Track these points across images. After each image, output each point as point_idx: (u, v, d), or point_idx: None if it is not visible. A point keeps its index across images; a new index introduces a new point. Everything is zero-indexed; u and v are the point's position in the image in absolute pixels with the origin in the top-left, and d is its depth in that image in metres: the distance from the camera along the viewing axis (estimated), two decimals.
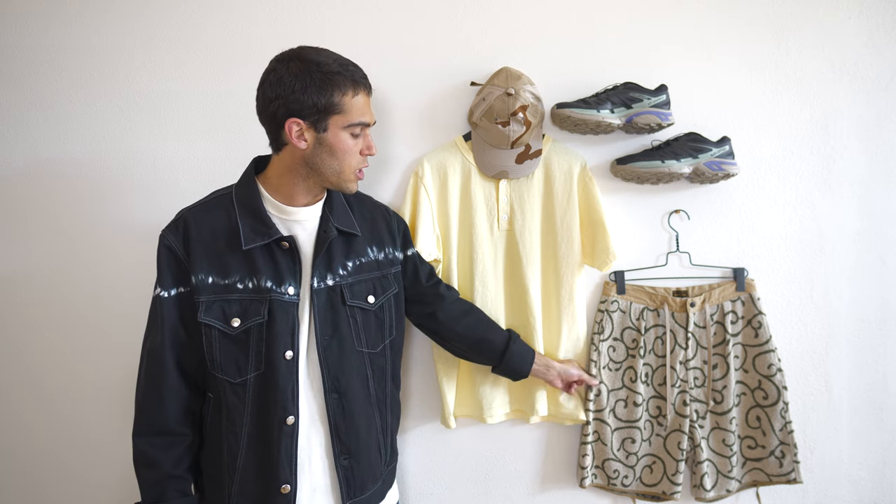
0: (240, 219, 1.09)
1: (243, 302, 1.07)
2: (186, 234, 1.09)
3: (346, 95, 1.06)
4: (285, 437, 1.06)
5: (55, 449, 1.50)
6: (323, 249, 1.12)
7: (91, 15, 1.48)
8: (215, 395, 1.11)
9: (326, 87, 1.04)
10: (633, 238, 1.44)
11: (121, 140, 1.48)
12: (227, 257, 1.08)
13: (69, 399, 1.49)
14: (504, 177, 1.39)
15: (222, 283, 1.07)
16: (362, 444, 1.13)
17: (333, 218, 1.15)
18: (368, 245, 1.21)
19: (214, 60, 1.47)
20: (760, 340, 1.37)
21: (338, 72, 1.05)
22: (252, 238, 1.08)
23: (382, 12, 1.47)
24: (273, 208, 1.12)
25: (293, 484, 1.07)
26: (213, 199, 1.14)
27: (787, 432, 1.35)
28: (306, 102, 1.04)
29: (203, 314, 1.07)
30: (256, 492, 1.07)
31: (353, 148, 1.09)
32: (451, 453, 1.47)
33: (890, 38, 1.43)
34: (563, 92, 1.43)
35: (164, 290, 1.09)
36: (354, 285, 1.16)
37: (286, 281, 1.08)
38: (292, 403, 1.07)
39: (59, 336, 1.49)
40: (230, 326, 1.07)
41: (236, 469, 1.08)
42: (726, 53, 1.44)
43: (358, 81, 1.08)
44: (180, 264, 1.08)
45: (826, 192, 1.44)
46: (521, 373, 1.31)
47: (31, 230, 1.49)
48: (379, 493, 1.18)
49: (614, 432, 1.40)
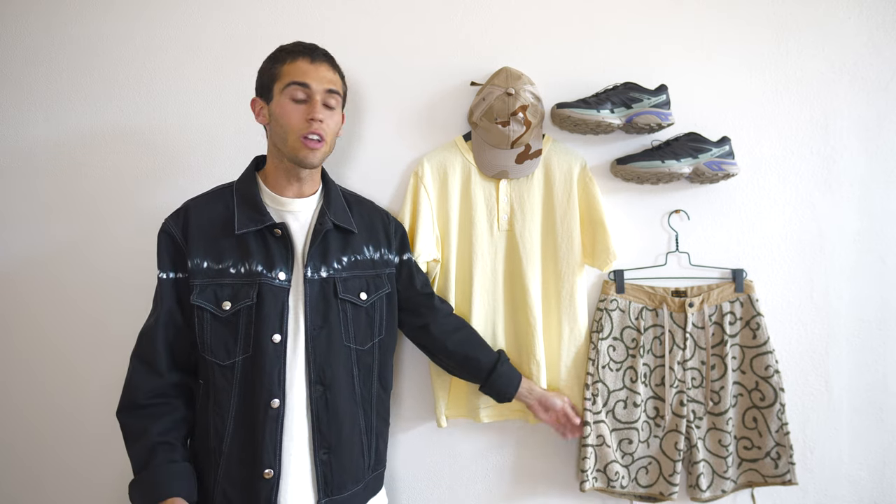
0: (237, 207, 1.15)
1: (235, 286, 1.11)
2: (186, 221, 1.14)
3: (285, 64, 1.14)
4: (270, 421, 1.08)
5: (55, 445, 1.50)
6: (318, 240, 1.16)
7: (91, 15, 1.48)
8: (205, 379, 1.13)
9: (270, 62, 1.16)
10: (632, 238, 1.44)
11: (121, 140, 1.48)
12: (221, 243, 1.13)
13: (68, 394, 1.49)
14: (504, 177, 1.39)
15: (216, 268, 1.12)
16: (344, 441, 1.14)
17: (330, 212, 1.19)
18: (364, 244, 1.24)
19: (215, 61, 1.47)
20: (758, 342, 1.37)
21: (282, 49, 1.17)
22: (245, 224, 1.13)
23: (382, 12, 1.47)
24: (269, 199, 1.18)
25: (276, 469, 1.08)
26: (215, 191, 1.21)
27: (783, 434, 1.35)
28: (260, 81, 1.18)
29: (196, 297, 1.10)
30: (241, 475, 1.09)
31: (291, 112, 1.12)
32: (451, 454, 1.47)
33: (890, 38, 1.42)
34: (563, 92, 1.43)
35: (163, 273, 1.14)
36: (348, 280, 1.18)
37: (277, 266, 1.12)
38: (278, 387, 1.09)
39: (58, 331, 1.49)
40: (221, 309, 1.10)
41: (222, 452, 1.10)
42: (726, 53, 1.44)
43: (295, 51, 1.15)
44: (178, 249, 1.13)
45: (826, 192, 1.44)
46: (506, 394, 1.32)
47: (32, 229, 1.49)
48: (360, 496, 1.18)
49: (612, 433, 1.40)
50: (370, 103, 1.46)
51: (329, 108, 1.16)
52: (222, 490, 1.09)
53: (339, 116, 1.21)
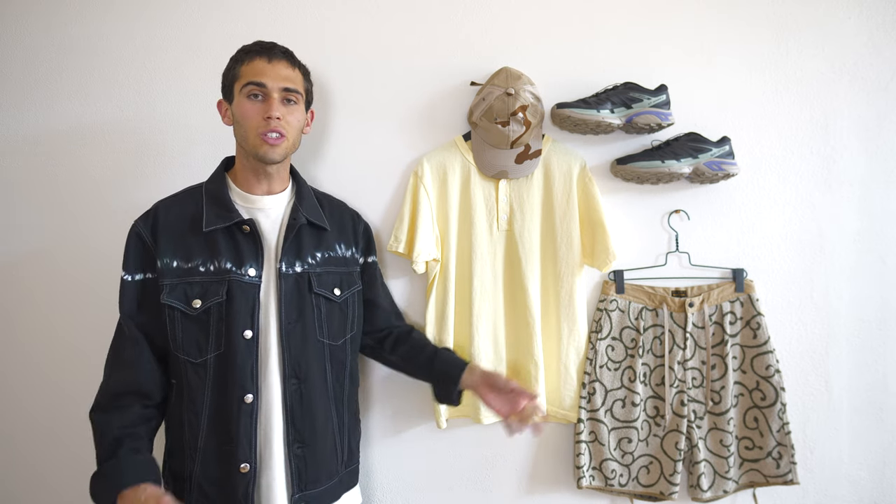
0: (205, 206, 1.16)
1: (204, 284, 1.12)
2: (156, 221, 1.15)
3: (243, 64, 1.16)
4: (244, 416, 1.09)
5: (60, 437, 1.50)
6: (292, 235, 1.17)
7: (91, 15, 1.48)
8: (177, 378, 1.13)
9: (231, 63, 1.18)
10: (632, 238, 1.44)
11: (121, 139, 1.48)
12: (190, 242, 1.13)
13: (70, 388, 1.49)
14: (504, 177, 1.39)
15: (185, 267, 1.12)
16: (318, 436, 1.15)
17: (303, 209, 1.21)
18: (336, 241, 1.26)
19: (214, 61, 1.47)
20: (759, 341, 1.37)
21: (241, 49, 1.19)
22: (213, 221, 1.13)
23: (382, 12, 1.47)
24: (238, 197, 1.19)
25: (253, 464, 1.09)
26: (185, 192, 1.22)
27: (784, 433, 1.35)
28: (223, 82, 1.20)
29: (166, 296, 1.10)
30: (217, 471, 1.09)
31: (249, 110, 1.14)
32: (451, 454, 1.47)
33: (890, 38, 1.42)
34: (563, 92, 1.43)
35: (127, 275, 1.14)
36: (322, 275, 1.20)
37: (246, 263, 1.13)
38: (251, 382, 1.10)
39: (61, 324, 1.49)
40: (191, 307, 1.10)
41: (198, 449, 1.10)
42: (726, 53, 1.44)
43: (253, 50, 1.16)
44: (147, 250, 1.14)
45: (826, 192, 1.44)
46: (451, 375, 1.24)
47: (31, 228, 1.49)
48: (333, 491, 1.19)
49: (611, 432, 1.40)
50: (370, 103, 1.46)
51: (289, 105, 1.17)
52: (199, 486, 1.10)
53: (301, 113, 1.21)
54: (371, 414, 1.46)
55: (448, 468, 1.47)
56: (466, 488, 1.47)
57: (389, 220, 1.45)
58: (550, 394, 1.41)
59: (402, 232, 1.38)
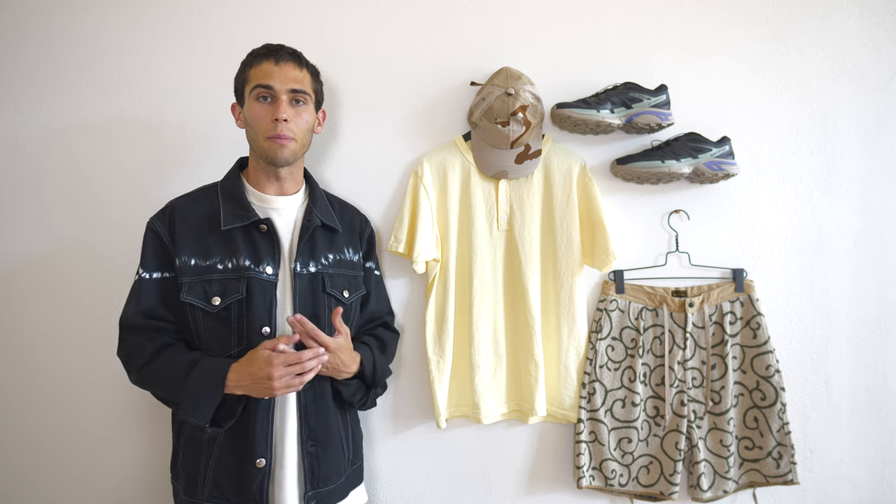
0: (222, 205, 1.17)
1: (223, 281, 1.13)
2: (172, 220, 1.17)
3: (252, 67, 1.18)
4: (262, 412, 1.11)
5: (52, 448, 1.50)
6: (307, 236, 1.19)
7: (91, 15, 1.49)
8: None
9: (241, 67, 1.21)
10: (632, 238, 1.44)
11: (121, 139, 1.48)
12: (208, 240, 1.15)
13: (66, 396, 1.49)
14: (503, 177, 1.39)
15: (204, 265, 1.14)
16: (331, 434, 1.18)
17: (317, 211, 1.23)
18: (346, 245, 1.28)
19: (215, 61, 1.47)
20: (759, 341, 1.37)
21: (250, 52, 1.20)
22: (231, 220, 1.15)
23: (382, 12, 1.47)
24: (253, 197, 1.21)
25: (268, 459, 1.11)
26: (199, 191, 1.24)
27: (784, 433, 1.36)
28: (235, 86, 1.22)
29: (185, 294, 1.12)
30: (233, 466, 1.11)
31: (259, 112, 1.16)
32: (451, 454, 1.47)
33: (890, 38, 1.43)
34: (563, 92, 1.43)
35: (145, 272, 1.15)
36: (334, 276, 1.22)
37: (264, 261, 1.14)
38: None
39: (57, 329, 1.49)
40: (211, 305, 1.12)
41: (216, 442, 1.12)
42: (726, 53, 1.44)
43: (259, 54, 1.18)
44: (165, 249, 1.15)
45: (826, 192, 1.44)
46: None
47: (29, 228, 1.49)
48: (342, 489, 1.21)
49: (611, 432, 1.40)
50: (370, 103, 1.46)
51: (298, 106, 1.18)
52: (213, 479, 1.11)
53: (310, 113, 1.21)
54: (371, 414, 1.46)
55: (448, 468, 1.47)
56: (466, 488, 1.47)
57: (389, 220, 1.45)
58: (550, 394, 1.41)
59: (402, 232, 1.38)
